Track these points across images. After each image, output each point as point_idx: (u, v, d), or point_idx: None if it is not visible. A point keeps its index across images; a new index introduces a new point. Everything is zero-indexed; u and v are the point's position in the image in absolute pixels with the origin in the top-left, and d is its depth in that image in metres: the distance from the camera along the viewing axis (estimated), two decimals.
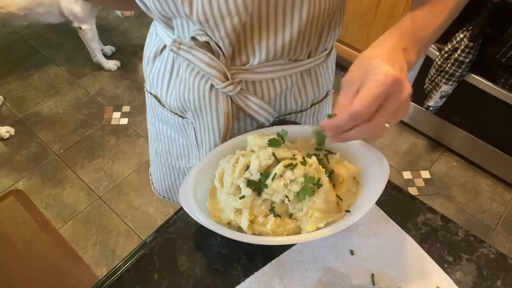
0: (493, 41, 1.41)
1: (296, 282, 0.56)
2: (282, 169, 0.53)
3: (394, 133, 2.03)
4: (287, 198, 0.54)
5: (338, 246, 0.60)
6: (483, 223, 1.73)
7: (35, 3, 1.91)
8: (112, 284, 0.57)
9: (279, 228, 0.54)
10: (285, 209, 0.55)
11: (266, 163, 0.54)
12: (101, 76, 2.31)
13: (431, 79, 1.62)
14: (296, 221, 0.55)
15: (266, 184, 0.53)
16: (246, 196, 0.54)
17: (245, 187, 0.54)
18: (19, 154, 1.95)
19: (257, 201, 0.55)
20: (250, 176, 0.55)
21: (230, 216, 0.55)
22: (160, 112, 0.80)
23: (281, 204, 0.55)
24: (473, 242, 0.61)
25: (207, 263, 0.59)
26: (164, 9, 0.57)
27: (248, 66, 0.63)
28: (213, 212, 0.57)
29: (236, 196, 0.55)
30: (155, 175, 1.01)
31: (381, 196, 0.53)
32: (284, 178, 0.53)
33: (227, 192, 0.56)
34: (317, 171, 0.55)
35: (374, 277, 0.57)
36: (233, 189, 0.55)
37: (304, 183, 0.53)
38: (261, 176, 0.54)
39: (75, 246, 1.60)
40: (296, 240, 0.54)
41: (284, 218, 0.55)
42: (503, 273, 0.58)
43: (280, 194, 0.54)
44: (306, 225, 0.54)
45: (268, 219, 0.54)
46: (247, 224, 0.54)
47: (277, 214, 0.55)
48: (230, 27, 0.55)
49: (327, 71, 0.75)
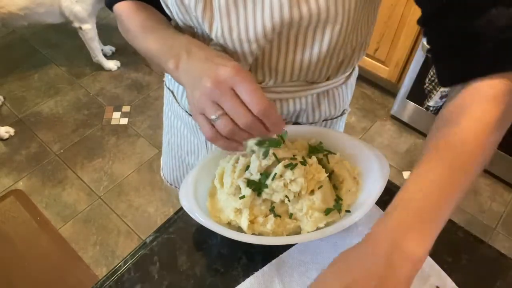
0: None
1: (296, 282, 0.56)
2: (282, 169, 0.53)
3: (394, 133, 2.03)
4: (287, 198, 0.54)
5: (338, 246, 0.60)
6: (483, 223, 1.73)
7: (35, 3, 1.91)
8: (112, 284, 0.57)
9: (279, 228, 0.54)
10: (285, 209, 0.55)
11: (266, 163, 0.54)
12: (101, 76, 2.30)
13: (431, 79, 1.62)
14: (296, 221, 0.55)
15: (266, 184, 0.53)
16: (246, 196, 0.54)
17: (245, 187, 0.54)
18: (19, 154, 1.95)
19: (257, 201, 0.55)
20: (250, 176, 0.54)
21: (230, 216, 0.55)
22: (176, 108, 0.81)
23: (281, 204, 0.55)
24: (473, 242, 0.61)
25: (207, 263, 0.59)
26: (186, 20, 0.57)
27: (263, 85, 0.62)
28: (213, 212, 0.57)
29: (236, 196, 0.55)
30: (165, 164, 1.02)
31: (381, 196, 0.53)
32: (284, 178, 0.53)
33: (227, 192, 0.56)
34: (317, 171, 0.55)
35: None
36: (233, 189, 0.55)
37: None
38: (261, 176, 0.54)
39: (75, 246, 1.60)
40: (296, 240, 0.54)
41: (284, 218, 0.55)
42: (503, 273, 0.58)
43: (280, 194, 0.54)
44: (306, 225, 0.54)
45: (268, 219, 0.54)
46: (247, 224, 0.53)
47: (277, 214, 0.55)
48: (248, 51, 0.55)
49: (346, 91, 0.72)
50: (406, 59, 1.87)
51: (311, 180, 0.54)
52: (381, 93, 2.20)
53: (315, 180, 0.55)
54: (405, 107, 1.95)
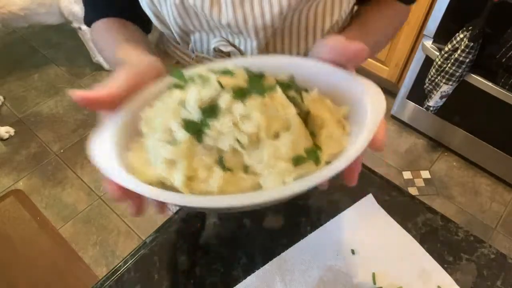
0: (493, 41, 1.41)
1: (297, 281, 0.56)
2: (230, 100, 0.38)
3: (394, 133, 2.03)
4: (239, 143, 0.38)
5: (339, 245, 0.60)
6: (483, 223, 1.73)
7: (35, 4, 1.91)
8: (112, 284, 0.57)
9: (229, 186, 0.38)
10: (239, 161, 0.39)
11: (208, 93, 0.39)
12: (101, 76, 2.30)
13: (431, 79, 1.62)
14: (255, 176, 0.39)
15: (208, 124, 0.38)
16: (180, 142, 0.39)
17: (180, 129, 0.39)
18: (19, 154, 1.95)
19: (198, 149, 0.39)
20: (187, 115, 0.40)
21: (161, 172, 0.39)
22: None
23: (233, 153, 0.39)
24: (473, 242, 0.61)
25: (207, 263, 0.59)
26: (186, 24, 0.56)
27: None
28: (137, 168, 0.40)
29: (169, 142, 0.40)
30: None
31: (381, 196, 0.53)
32: (233, 114, 0.38)
33: (157, 138, 0.41)
34: (282, 106, 0.40)
35: (375, 276, 0.57)
36: (165, 134, 0.40)
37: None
38: (203, 114, 0.39)
39: (75, 246, 1.60)
40: (252, 199, 0.35)
41: (236, 173, 0.39)
42: (503, 273, 0.58)
43: (228, 138, 0.38)
44: (268, 181, 0.38)
45: (213, 173, 0.39)
46: (182, 180, 0.38)
47: (227, 168, 0.39)
48: (263, 38, 0.55)
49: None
50: (406, 59, 1.87)
51: (275, 118, 0.39)
52: None
53: (280, 118, 0.39)
54: (405, 107, 1.95)
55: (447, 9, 1.50)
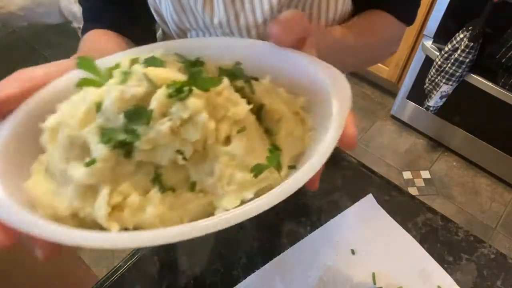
0: (493, 41, 1.41)
1: (297, 281, 0.56)
2: (165, 100, 0.29)
3: (394, 133, 2.03)
4: (182, 154, 0.29)
5: (339, 245, 0.60)
6: (483, 223, 1.73)
7: (35, 3, 1.91)
8: (112, 284, 0.57)
9: (172, 212, 0.30)
10: (183, 177, 0.31)
11: (133, 92, 0.29)
12: None
13: (431, 79, 1.62)
14: (204, 195, 0.31)
15: (137, 133, 0.28)
16: (98, 160, 0.28)
17: (97, 143, 0.29)
18: None
19: (125, 166, 0.30)
20: (105, 122, 0.29)
21: (73, 202, 0.29)
22: None
23: (174, 168, 0.30)
24: (473, 242, 0.61)
25: (207, 263, 0.59)
26: (182, 21, 0.56)
27: None
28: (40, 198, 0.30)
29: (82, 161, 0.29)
30: None
31: (381, 196, 0.53)
32: (171, 118, 0.28)
33: (64, 156, 0.30)
34: (232, 102, 0.31)
35: (375, 276, 0.57)
36: (76, 149, 0.30)
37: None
38: (125, 118, 0.29)
39: None
40: (205, 229, 0.25)
41: (181, 193, 0.31)
42: (503, 273, 0.58)
43: (166, 149, 0.29)
44: (223, 200, 0.30)
45: (150, 197, 0.30)
46: (106, 211, 0.28)
47: (168, 187, 0.30)
48: (255, 37, 0.54)
49: None
50: (406, 59, 1.87)
51: (224, 119, 0.30)
52: (381, 93, 2.20)
53: (230, 118, 0.31)
54: (405, 107, 1.95)
55: (447, 9, 1.50)
